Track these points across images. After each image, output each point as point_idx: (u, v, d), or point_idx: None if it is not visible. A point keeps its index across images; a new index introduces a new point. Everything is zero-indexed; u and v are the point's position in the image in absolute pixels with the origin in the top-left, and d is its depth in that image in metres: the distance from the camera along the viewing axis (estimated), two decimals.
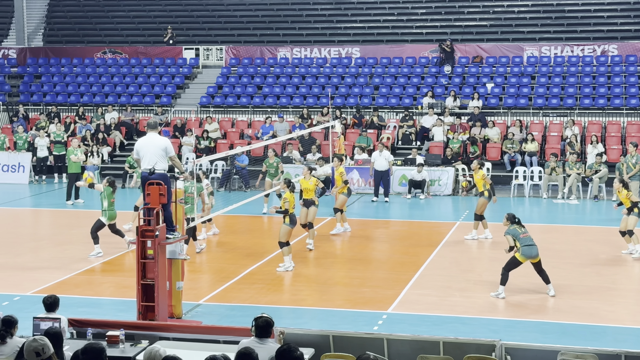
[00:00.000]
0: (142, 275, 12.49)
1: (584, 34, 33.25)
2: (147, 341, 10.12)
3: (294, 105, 32.39)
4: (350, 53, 34.42)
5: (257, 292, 15.23)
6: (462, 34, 34.40)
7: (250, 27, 36.77)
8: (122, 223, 19.94)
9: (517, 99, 30.86)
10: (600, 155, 26.15)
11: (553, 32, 33.65)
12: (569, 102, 30.42)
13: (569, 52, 32.51)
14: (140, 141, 13.09)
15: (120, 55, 36.32)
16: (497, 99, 31.09)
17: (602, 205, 24.78)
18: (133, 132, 31.90)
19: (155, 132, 13.08)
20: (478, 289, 15.49)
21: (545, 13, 34.36)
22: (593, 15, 33.79)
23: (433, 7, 35.64)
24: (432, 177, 26.56)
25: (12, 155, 29.25)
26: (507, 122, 30.00)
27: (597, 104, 30.16)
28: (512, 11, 34.78)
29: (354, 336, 10.08)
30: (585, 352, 9.34)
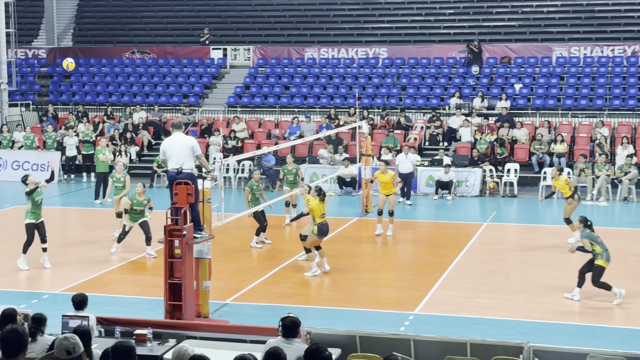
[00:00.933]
0: (169, 275, 12.55)
1: (614, 34, 32.96)
2: (174, 340, 10.17)
3: (321, 105, 32.40)
4: (378, 53, 34.37)
5: (284, 292, 15.25)
6: (490, 35, 34.23)
7: (278, 27, 36.83)
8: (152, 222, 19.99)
9: (546, 100, 30.66)
10: (630, 157, 25.91)
11: (582, 32, 33.38)
12: (598, 103, 30.17)
13: (599, 52, 32.24)
14: (166, 141, 13.14)
15: (149, 55, 36.53)
16: (525, 100, 30.90)
17: (632, 207, 24.55)
18: (161, 132, 32.05)
19: (180, 132, 13.14)
20: (505, 290, 15.41)
21: (574, 13, 34.10)
22: (623, 15, 33.48)
23: (461, 7, 35.50)
24: (460, 178, 26.45)
25: (42, 154, 29.50)
26: (535, 123, 29.82)
27: (627, 105, 29.88)
28: (541, 11, 34.55)
29: (380, 337, 10.06)
30: (615, 355, 9.26)
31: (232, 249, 18.74)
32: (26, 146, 30.28)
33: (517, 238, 20.95)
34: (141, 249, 18.19)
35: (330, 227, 20.55)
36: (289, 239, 20.02)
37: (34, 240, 16.72)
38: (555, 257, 18.02)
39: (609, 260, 14.54)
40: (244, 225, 20.53)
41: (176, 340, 10.11)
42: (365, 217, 22.84)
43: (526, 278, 16.22)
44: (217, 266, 15.47)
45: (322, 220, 16.11)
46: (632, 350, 10.07)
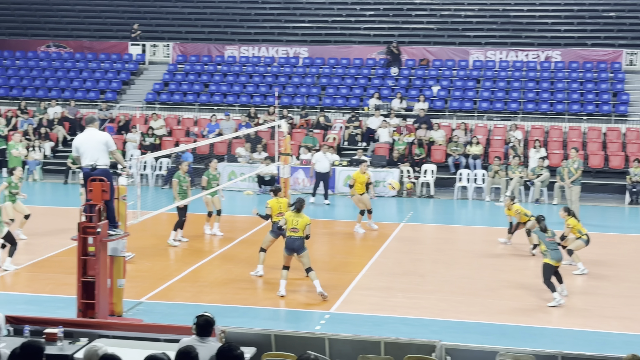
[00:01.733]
0: (82, 273, 12.34)
1: (528, 40, 33.74)
2: (86, 339, 10.00)
3: (240, 103, 32.29)
4: (298, 53, 34.44)
5: (200, 291, 15.16)
6: (409, 37, 34.63)
7: (199, 24, 36.56)
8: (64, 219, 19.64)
9: (462, 102, 31.19)
10: (542, 160, 26.55)
11: (499, 37, 34.07)
12: (512, 107, 30.84)
13: (514, 57, 32.96)
14: (79, 137, 12.89)
15: (65, 50, 35.84)
16: (442, 102, 31.38)
17: (544, 209, 25.16)
18: (76, 128, 31.44)
19: (94, 128, 12.91)
20: (420, 290, 15.61)
21: (491, 18, 34.78)
22: (538, 21, 34.31)
23: (381, 9, 35.84)
24: (378, 178, 26.69)
25: None
26: (452, 125, 30.30)
27: (540, 109, 30.62)
28: (459, 15, 35.12)
29: (295, 335, 10.09)
30: (523, 353, 9.48)
31: (148, 246, 18.52)
32: None
33: (432, 238, 21.26)
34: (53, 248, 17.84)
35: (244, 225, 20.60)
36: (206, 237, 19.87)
37: None
38: (469, 258, 18.35)
39: (555, 259, 14.75)
40: (161, 223, 20.32)
41: (88, 339, 9.95)
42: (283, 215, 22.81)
43: (441, 278, 16.48)
44: (132, 264, 15.29)
45: (292, 234, 14.79)
46: (541, 348, 10.33)
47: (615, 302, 14.98)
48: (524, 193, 26.25)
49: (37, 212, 22.84)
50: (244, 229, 20.64)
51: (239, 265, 17.11)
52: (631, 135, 28.96)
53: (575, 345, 12.25)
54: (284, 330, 10.57)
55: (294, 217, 14.89)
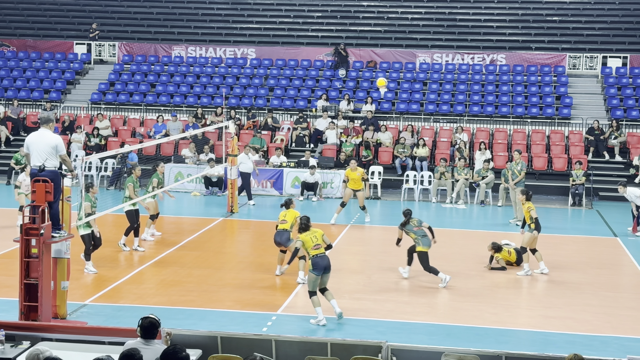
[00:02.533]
0: (25, 275, 12.15)
1: (474, 43, 34.12)
2: (28, 342, 9.85)
3: (187, 104, 32.10)
4: (246, 54, 34.35)
5: (145, 293, 15.03)
6: (356, 39, 34.79)
7: (145, 24, 36.25)
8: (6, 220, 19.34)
9: (409, 105, 31.41)
10: (487, 162, 26.86)
11: (445, 40, 34.39)
12: (458, 109, 31.15)
13: (460, 60, 33.31)
14: (31, 136, 12.75)
15: (8, 48, 35.25)
16: (389, 104, 31.56)
17: (488, 210, 25.47)
18: (20, 128, 30.99)
19: (47, 128, 12.74)
20: (367, 290, 15.67)
21: (437, 21, 35.09)
22: (483, 25, 34.71)
23: (329, 10, 35.93)
24: (325, 180, 26.76)
25: None
26: (399, 126, 30.49)
27: (485, 112, 30.98)
28: (406, 18, 35.38)
29: (242, 337, 10.06)
30: (468, 353, 9.59)
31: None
32: None
33: (379, 239, 21.35)
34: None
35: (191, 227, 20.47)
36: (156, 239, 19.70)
37: None
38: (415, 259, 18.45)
39: (427, 245, 16.01)
40: (106, 224, 20.09)
41: (30, 342, 9.81)
42: (230, 217, 22.78)
43: (387, 279, 16.56)
44: (76, 266, 15.09)
45: (317, 252, 13.70)
46: (485, 349, 10.45)
47: (557, 302, 15.21)
48: (469, 195, 26.53)
49: None
50: (190, 231, 20.51)
51: (185, 267, 17.00)
52: (574, 138, 29.46)
53: (519, 345, 12.42)
54: (231, 332, 10.52)
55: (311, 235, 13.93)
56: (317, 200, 26.17)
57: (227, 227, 21.67)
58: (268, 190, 26.55)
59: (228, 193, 23.66)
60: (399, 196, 26.91)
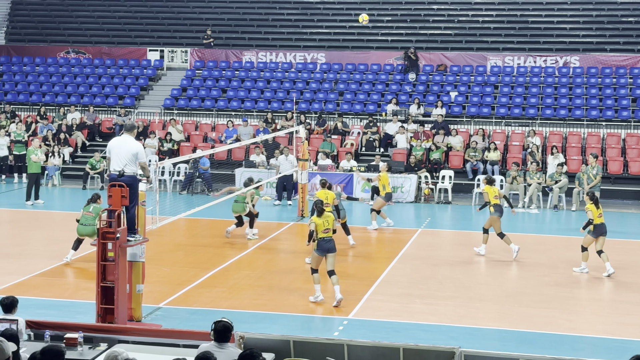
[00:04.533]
0: (102, 278, 12.39)
1: (546, 45, 33.63)
2: (105, 344, 10.03)
3: (258, 109, 32.36)
4: (316, 58, 34.48)
5: (218, 296, 15.18)
6: (427, 42, 34.62)
7: (216, 30, 36.65)
8: None
9: (480, 108, 31.12)
10: (560, 166, 26.44)
11: (516, 42, 33.98)
12: (530, 112, 30.74)
13: (532, 62, 32.87)
14: (113, 141, 13.06)
15: (84, 56, 36.04)
16: (460, 108, 31.32)
17: (562, 215, 25.06)
18: (95, 133, 31.65)
19: (130, 135, 13.01)
20: (438, 296, 15.57)
21: (509, 23, 34.69)
22: (556, 26, 34.19)
23: (399, 14, 35.83)
24: (395, 184, 26.65)
25: None
26: (469, 130, 30.24)
27: (558, 115, 30.51)
28: (477, 21, 35.07)
29: (314, 341, 10.07)
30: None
31: (165, 252, 18.58)
32: None
33: (450, 244, 21.20)
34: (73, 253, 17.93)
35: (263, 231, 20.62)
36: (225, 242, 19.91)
37: None
38: (487, 264, 18.30)
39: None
40: (179, 228, 20.37)
41: (107, 345, 9.99)
42: (301, 221, 22.86)
43: (459, 284, 16.42)
44: (150, 269, 15.33)
45: (324, 235, 14.82)
46: (561, 355, 10.27)
47: (634, 309, 14.88)
48: (542, 199, 26.14)
49: (56, 217, 23.02)
50: (261, 235, 20.64)
51: (256, 271, 17.13)
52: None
53: (595, 353, 12.19)
54: (303, 336, 10.55)
55: (323, 220, 14.81)
56: (388, 205, 26.07)
57: (298, 231, 21.75)
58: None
59: (298, 197, 23.76)
60: (470, 201, 26.65)
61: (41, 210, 23.62)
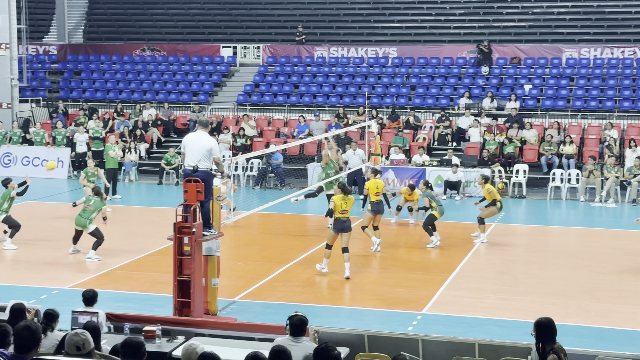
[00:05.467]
0: (178, 272, 12.59)
1: (624, 36, 32.89)
2: (183, 337, 10.21)
3: (330, 104, 32.42)
4: (388, 53, 34.37)
5: (292, 291, 15.29)
6: (500, 35, 34.20)
7: (288, 26, 36.85)
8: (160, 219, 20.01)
9: (555, 101, 30.62)
10: (639, 159, 25.84)
11: (593, 33, 33.32)
12: (608, 105, 30.11)
13: (609, 54, 32.18)
14: (188, 136, 13.19)
15: (159, 53, 36.61)
16: (534, 101, 30.87)
17: None
18: (170, 129, 32.14)
19: (204, 131, 13.15)
20: (513, 291, 15.40)
21: (585, 14, 34.03)
22: (634, 17, 33.39)
23: (471, 7, 35.46)
24: (468, 179, 26.43)
25: (52, 150, 29.62)
26: (544, 124, 29.79)
27: (636, 107, 29.81)
28: (552, 12, 34.49)
29: (389, 336, 10.08)
30: (623, 357, 9.27)
31: (240, 246, 18.78)
32: (36, 142, 30.40)
33: (525, 239, 20.94)
34: (149, 247, 18.26)
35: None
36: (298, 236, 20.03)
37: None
38: (563, 259, 18.02)
39: (441, 214, 18.88)
40: (253, 223, 20.57)
41: (185, 337, 10.16)
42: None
43: (534, 279, 16.22)
44: (225, 263, 15.52)
45: (340, 216, 15.93)
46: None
47: None
48: (620, 193, 25.60)
49: (133, 212, 23.47)
50: None
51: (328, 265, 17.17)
52: None
53: None
54: (377, 330, 10.56)
55: (343, 201, 15.88)
56: (461, 199, 25.90)
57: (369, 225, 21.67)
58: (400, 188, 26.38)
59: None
60: (545, 195, 26.26)
61: (119, 205, 24.11)
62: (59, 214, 21.76)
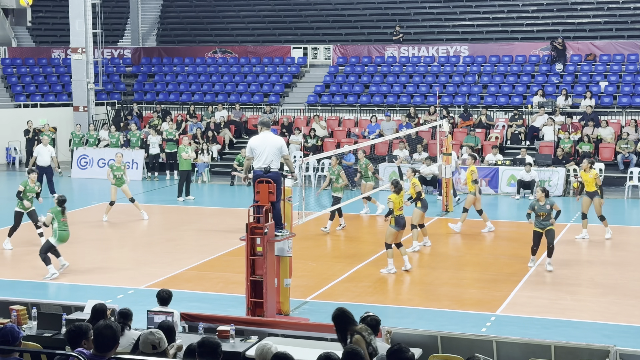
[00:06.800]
0: (251, 272, 12.68)
1: None
2: (256, 337, 10.27)
3: (401, 104, 32.27)
4: (459, 51, 34.05)
5: (363, 291, 15.25)
6: (574, 32, 33.58)
7: (358, 26, 36.81)
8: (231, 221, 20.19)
9: (632, 98, 29.93)
10: None
11: None
12: None
13: None
14: (254, 139, 13.15)
15: (230, 55, 36.94)
16: (610, 98, 30.22)
17: None
18: (242, 131, 32.40)
19: (269, 131, 13.19)
20: (590, 292, 15.11)
21: None
22: None
23: (544, 4, 34.91)
24: (542, 178, 26.00)
25: (126, 152, 30.11)
26: (621, 121, 29.14)
27: None
28: (628, 7, 33.72)
29: (462, 337, 9.98)
30: None
31: (311, 247, 18.82)
32: (111, 144, 30.98)
33: (602, 239, 20.50)
34: (223, 248, 18.43)
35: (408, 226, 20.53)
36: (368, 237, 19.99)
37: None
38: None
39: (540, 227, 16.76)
40: (324, 223, 20.58)
41: (258, 337, 10.22)
42: (445, 216, 22.66)
43: (612, 280, 15.87)
44: (297, 264, 15.58)
45: (400, 213, 16.07)
46: None
47: None
48: None
49: (206, 212, 23.73)
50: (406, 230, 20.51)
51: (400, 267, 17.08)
52: None
53: None
54: (451, 331, 10.46)
55: (399, 198, 16.01)
56: None
57: (443, 225, 21.55)
58: (483, 188, 26.09)
59: (443, 192, 23.56)
60: (622, 194, 25.68)
61: (192, 206, 24.40)
62: (132, 215, 22.10)
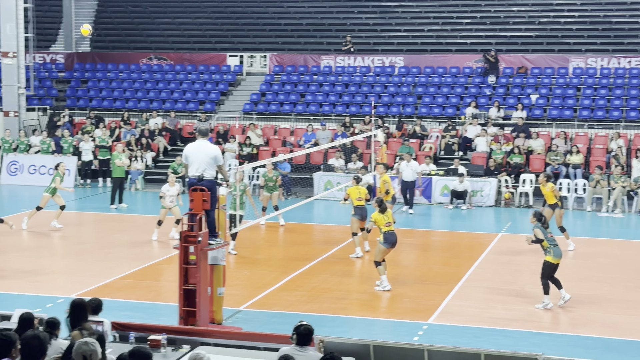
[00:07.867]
0: (184, 281, 12.58)
1: (631, 46, 32.84)
2: (188, 346, 10.18)
3: (336, 113, 32.42)
4: (394, 62, 34.37)
5: (298, 300, 15.26)
6: (507, 45, 34.18)
7: (295, 35, 36.90)
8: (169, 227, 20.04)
9: (562, 111, 30.58)
10: None
11: (599, 43, 33.28)
12: (614, 115, 30.05)
13: (616, 63, 32.13)
14: (189, 147, 13.09)
15: (166, 62, 36.67)
16: (541, 110, 30.82)
17: None
18: (177, 138, 32.15)
19: (205, 139, 13.13)
20: (520, 301, 15.35)
21: (591, 24, 33.99)
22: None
23: (478, 17, 35.47)
24: (475, 188, 26.39)
25: (58, 159, 29.61)
26: (551, 133, 29.73)
27: None
28: (558, 22, 34.47)
29: (394, 346, 10.03)
30: None
31: (246, 255, 18.76)
32: (43, 151, 30.45)
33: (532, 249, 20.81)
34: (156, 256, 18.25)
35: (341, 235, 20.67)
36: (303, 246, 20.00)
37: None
38: (570, 268, 17.94)
39: (558, 257, 14.84)
40: (257, 232, 20.55)
41: (190, 347, 10.13)
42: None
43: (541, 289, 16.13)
44: (231, 273, 15.51)
45: (388, 229, 15.80)
46: None
47: None
48: (627, 203, 25.52)
49: (139, 220, 23.47)
50: (340, 239, 20.67)
51: (335, 275, 17.15)
52: None
53: None
54: (383, 340, 10.52)
55: (384, 216, 15.77)
56: (467, 209, 25.84)
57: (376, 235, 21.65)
58: (417, 198, 26.37)
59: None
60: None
61: (125, 213, 24.12)
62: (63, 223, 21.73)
